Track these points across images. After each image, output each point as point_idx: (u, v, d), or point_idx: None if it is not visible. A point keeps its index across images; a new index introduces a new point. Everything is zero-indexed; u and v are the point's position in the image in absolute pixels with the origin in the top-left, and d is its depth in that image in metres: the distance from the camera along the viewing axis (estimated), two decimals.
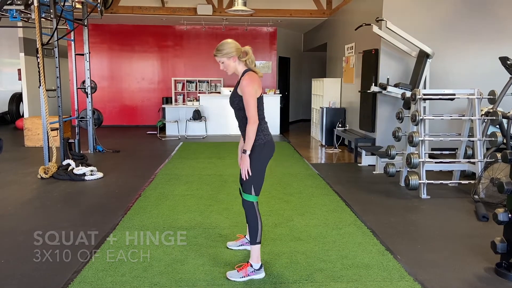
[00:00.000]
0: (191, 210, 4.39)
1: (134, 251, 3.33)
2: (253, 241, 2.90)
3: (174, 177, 5.84)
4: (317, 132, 9.67)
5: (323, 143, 8.93)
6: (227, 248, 3.41)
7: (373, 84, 6.71)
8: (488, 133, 5.30)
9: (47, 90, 6.16)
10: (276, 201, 4.72)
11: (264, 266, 2.99)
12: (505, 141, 5.25)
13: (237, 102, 2.87)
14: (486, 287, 2.84)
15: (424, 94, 5.12)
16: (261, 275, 2.91)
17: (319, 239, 3.62)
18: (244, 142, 2.86)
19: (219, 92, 11.03)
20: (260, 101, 2.88)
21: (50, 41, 6.21)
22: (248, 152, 2.81)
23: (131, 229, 3.81)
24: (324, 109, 8.84)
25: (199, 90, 11.82)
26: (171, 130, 10.21)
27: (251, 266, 2.89)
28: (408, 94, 5.53)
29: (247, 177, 2.82)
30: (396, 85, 6.26)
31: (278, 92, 10.59)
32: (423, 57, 6.31)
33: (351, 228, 3.88)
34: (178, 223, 3.99)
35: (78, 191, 5.20)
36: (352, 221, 4.07)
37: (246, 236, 3.42)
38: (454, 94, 5.21)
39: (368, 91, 6.76)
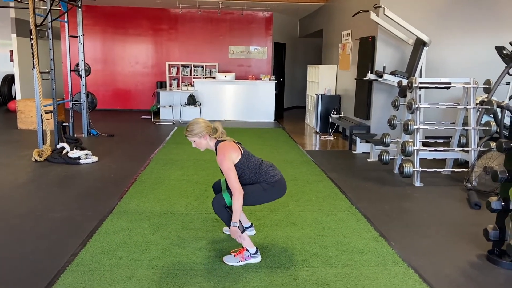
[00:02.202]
0: (187, 195, 4.40)
1: (131, 234, 3.35)
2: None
3: (169, 162, 5.84)
4: (311, 119, 9.68)
5: (318, 130, 8.95)
6: (223, 233, 3.44)
7: (369, 71, 6.71)
8: (482, 122, 5.35)
9: (40, 72, 6.09)
10: None
11: (260, 250, 3.02)
12: (498, 130, 5.31)
13: None
14: (478, 273, 2.90)
15: (421, 83, 5.13)
16: (257, 259, 2.94)
17: (314, 224, 3.66)
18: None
19: (214, 77, 10.98)
20: (242, 160, 2.91)
21: (44, 22, 6.11)
22: (237, 225, 2.84)
23: (128, 213, 3.83)
24: (320, 96, 8.84)
25: (194, 75, 11.74)
26: (165, 115, 10.17)
27: (247, 250, 2.92)
28: (405, 82, 5.55)
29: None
30: (392, 73, 6.27)
31: (274, 79, 10.55)
32: (419, 45, 6.31)
33: (345, 215, 3.92)
34: (175, 207, 4.01)
35: (73, 175, 5.19)
36: (347, 208, 4.11)
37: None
38: (450, 83, 5.23)
39: (364, 78, 6.76)
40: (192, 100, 9.95)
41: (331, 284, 2.65)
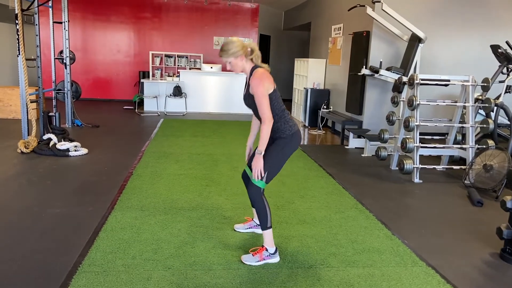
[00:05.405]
0: (189, 190, 4.27)
1: (139, 232, 3.20)
2: (263, 227, 2.83)
3: (163, 155, 5.67)
4: (298, 113, 9.64)
5: (306, 124, 8.91)
6: (235, 230, 3.34)
7: (364, 67, 6.69)
8: (476, 120, 5.42)
9: (26, 60, 5.77)
10: (273, 182, 4.62)
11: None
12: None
13: (251, 102, 2.79)
14: (495, 272, 2.91)
15: (422, 79, 5.14)
16: (276, 259, 2.86)
17: (325, 222, 3.60)
18: (260, 140, 2.72)
19: (200, 68, 10.77)
20: (274, 94, 2.79)
21: (31, 7, 5.79)
22: (263, 153, 2.70)
23: (131, 209, 3.67)
24: (309, 90, 8.79)
25: (178, 65, 11.49)
26: (150, 105, 9.91)
27: (267, 250, 2.84)
28: (404, 78, 5.55)
29: (260, 177, 2.73)
30: (388, 69, 6.27)
31: None
32: (415, 41, 6.33)
33: (353, 212, 3.89)
34: (178, 203, 3.87)
35: (65, 168, 4.95)
36: (353, 205, 4.08)
37: (254, 219, 3.36)
38: (449, 80, 5.26)
39: (359, 73, 6.74)
40: (177, 91, 9.73)
41: (355, 285, 2.60)
